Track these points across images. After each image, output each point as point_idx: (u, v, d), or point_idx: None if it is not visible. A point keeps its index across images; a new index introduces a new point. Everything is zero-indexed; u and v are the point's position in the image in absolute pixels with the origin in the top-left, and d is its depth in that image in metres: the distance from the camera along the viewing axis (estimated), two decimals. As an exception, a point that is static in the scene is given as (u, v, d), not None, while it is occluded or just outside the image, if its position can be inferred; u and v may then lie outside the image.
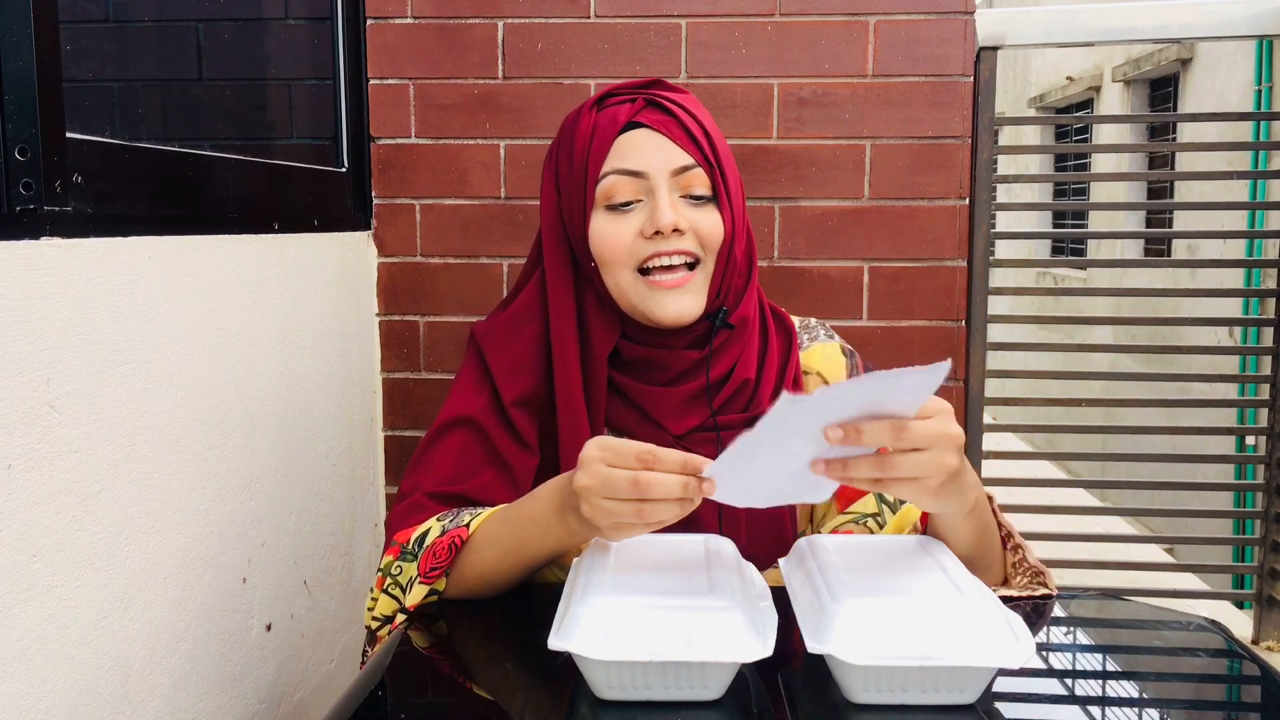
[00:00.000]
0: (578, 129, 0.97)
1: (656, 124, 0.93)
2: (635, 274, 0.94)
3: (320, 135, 1.63)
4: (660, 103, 0.94)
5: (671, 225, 0.91)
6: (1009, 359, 2.09)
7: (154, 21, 1.59)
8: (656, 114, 0.94)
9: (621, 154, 0.93)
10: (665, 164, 0.93)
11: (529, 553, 0.87)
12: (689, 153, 0.93)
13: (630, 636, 0.66)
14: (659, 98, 0.95)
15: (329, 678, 1.42)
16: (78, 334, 0.85)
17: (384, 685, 0.78)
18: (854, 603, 0.68)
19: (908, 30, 1.59)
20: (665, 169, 0.93)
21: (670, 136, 0.93)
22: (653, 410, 0.97)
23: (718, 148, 0.96)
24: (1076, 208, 2.33)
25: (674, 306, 0.93)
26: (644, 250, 0.93)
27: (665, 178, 0.93)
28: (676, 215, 0.92)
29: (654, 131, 0.93)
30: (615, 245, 0.93)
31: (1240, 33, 1.72)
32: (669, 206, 0.92)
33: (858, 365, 1.07)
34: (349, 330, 1.54)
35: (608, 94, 0.97)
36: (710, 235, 0.94)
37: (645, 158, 0.93)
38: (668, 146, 0.93)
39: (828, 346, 1.07)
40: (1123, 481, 2.14)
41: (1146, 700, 0.74)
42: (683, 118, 0.94)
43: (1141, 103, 6.55)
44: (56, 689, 0.82)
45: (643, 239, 0.93)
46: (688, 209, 0.94)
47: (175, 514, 1.01)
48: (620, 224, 0.93)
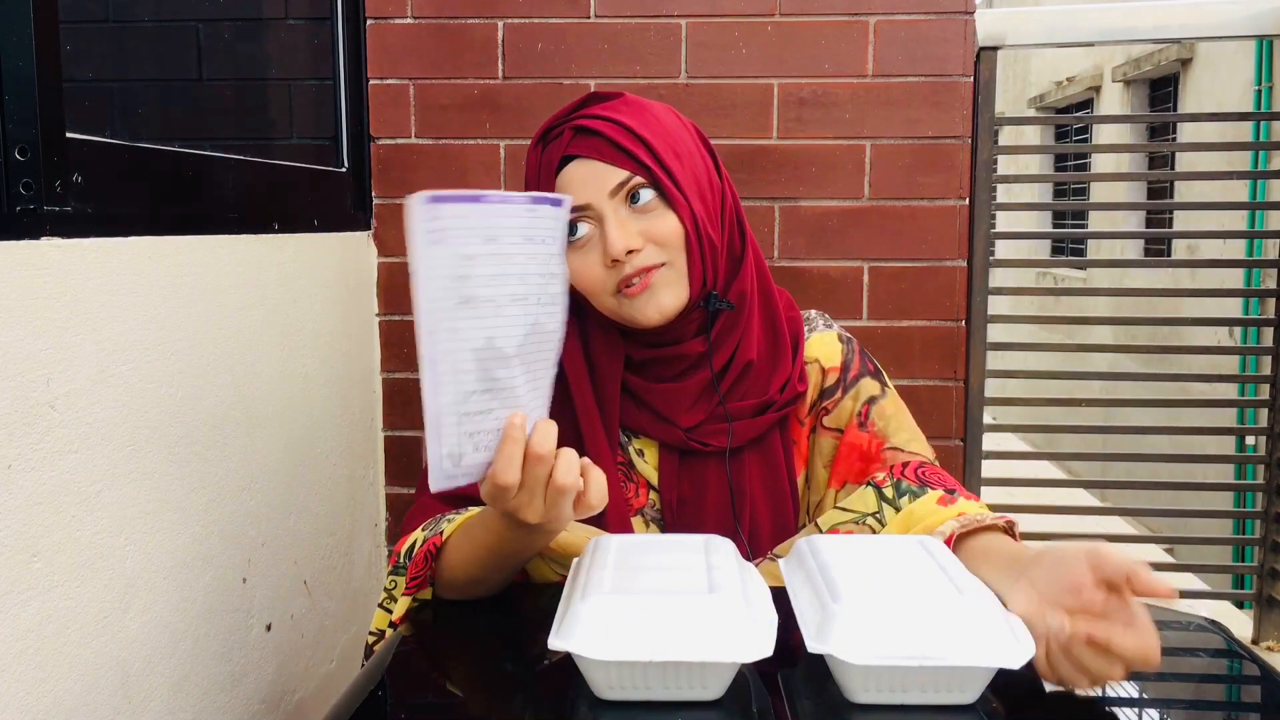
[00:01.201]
0: (527, 173, 1.00)
1: (585, 151, 0.95)
2: (615, 295, 0.96)
3: (320, 135, 1.63)
4: (585, 126, 0.95)
5: (623, 250, 0.93)
6: (1009, 359, 2.08)
7: (154, 21, 1.59)
8: (584, 140, 0.95)
9: (563, 191, 0.95)
10: (601, 188, 0.94)
11: (495, 557, 0.88)
12: (622, 166, 0.94)
13: (630, 636, 0.66)
14: (585, 119, 0.96)
15: (329, 678, 1.42)
16: (78, 334, 0.85)
17: (384, 685, 0.78)
18: (854, 603, 0.68)
19: (908, 30, 1.59)
20: (602, 193, 0.94)
21: (600, 158, 0.94)
22: (663, 408, 1.00)
23: (654, 145, 0.95)
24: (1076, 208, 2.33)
25: (650, 306, 0.95)
26: (614, 279, 0.95)
27: (605, 200, 0.94)
28: (627, 237, 0.93)
29: (585, 160, 0.95)
30: (588, 280, 0.96)
31: (1240, 33, 1.72)
32: (617, 229, 0.93)
33: (854, 350, 1.07)
34: (349, 330, 1.54)
35: (548, 128, 0.99)
36: (665, 236, 0.95)
37: (582, 189, 0.95)
38: (600, 170, 0.94)
39: (825, 335, 1.08)
40: (1123, 481, 2.14)
41: (1146, 700, 0.74)
42: (609, 133, 0.95)
43: (1141, 103, 6.55)
44: (56, 689, 0.82)
45: (608, 269, 0.95)
46: (638, 220, 0.95)
47: (175, 514, 1.01)
48: (584, 258, 0.96)
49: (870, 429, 1.03)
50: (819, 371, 1.06)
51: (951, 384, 1.64)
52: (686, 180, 0.97)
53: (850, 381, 1.05)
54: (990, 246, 1.77)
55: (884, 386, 1.06)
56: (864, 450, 1.02)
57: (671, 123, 1.00)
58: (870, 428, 1.03)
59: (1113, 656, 0.67)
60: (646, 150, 0.95)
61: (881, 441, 1.02)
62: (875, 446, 1.02)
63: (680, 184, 0.96)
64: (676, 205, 0.95)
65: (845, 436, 1.03)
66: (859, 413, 1.03)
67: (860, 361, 1.07)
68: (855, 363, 1.06)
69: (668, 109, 1.02)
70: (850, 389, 1.04)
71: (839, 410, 1.04)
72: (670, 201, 0.95)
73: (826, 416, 1.05)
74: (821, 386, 1.06)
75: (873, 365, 1.07)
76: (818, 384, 1.06)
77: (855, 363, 1.06)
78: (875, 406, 1.04)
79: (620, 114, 0.97)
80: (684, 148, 0.98)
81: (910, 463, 1.00)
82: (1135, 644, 0.66)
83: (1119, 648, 0.66)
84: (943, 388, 1.64)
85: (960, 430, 1.65)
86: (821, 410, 1.05)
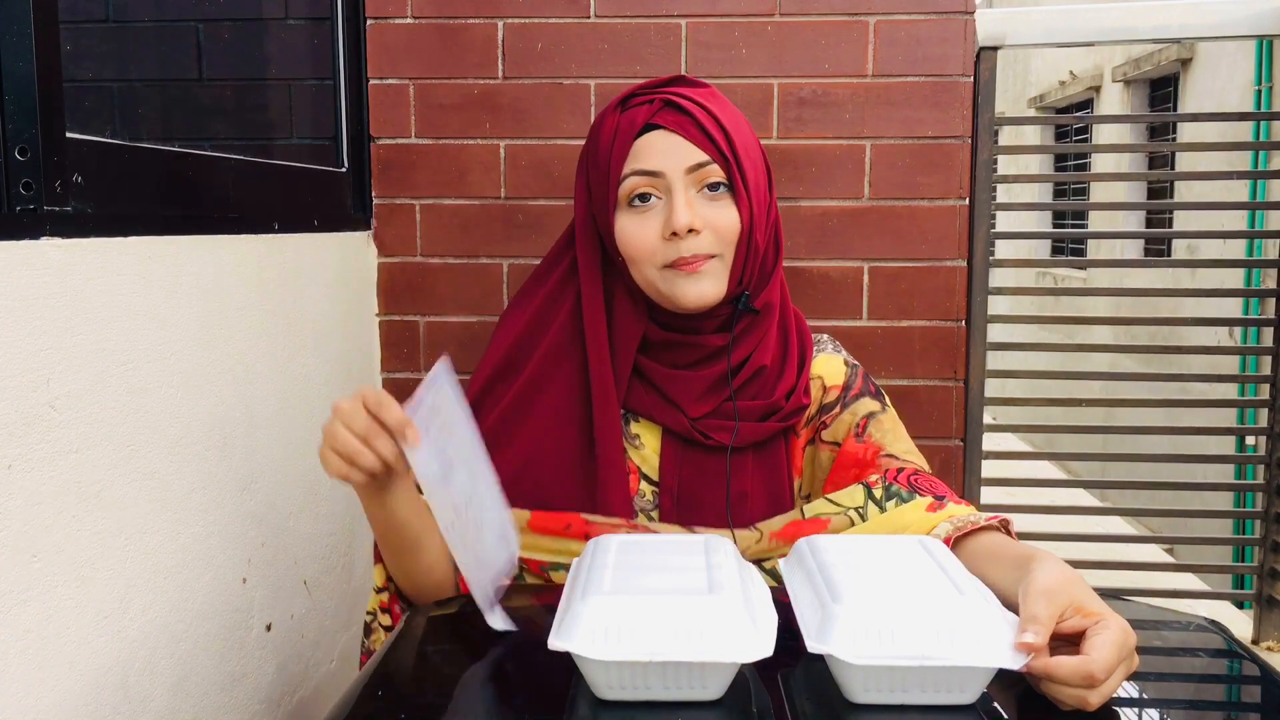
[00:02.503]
0: (602, 131, 1.02)
1: (672, 124, 0.97)
2: (660, 269, 0.99)
3: (320, 135, 1.63)
4: (676, 102, 0.98)
5: (686, 227, 0.95)
6: (1009, 359, 2.08)
7: (154, 21, 1.59)
8: (672, 114, 0.98)
9: (639, 156, 0.98)
10: (680, 162, 0.97)
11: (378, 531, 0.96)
12: (703, 149, 0.97)
13: (630, 636, 0.66)
14: (676, 97, 0.98)
15: (329, 678, 1.42)
16: (78, 334, 0.85)
17: (384, 685, 0.78)
18: (854, 603, 0.68)
19: (908, 30, 1.59)
20: (680, 167, 0.97)
21: (685, 135, 0.97)
22: (672, 393, 1.02)
23: (734, 140, 0.98)
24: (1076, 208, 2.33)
25: (694, 290, 0.98)
26: (667, 253, 0.97)
27: (680, 175, 0.97)
28: (692, 215, 0.96)
29: (669, 132, 0.97)
30: (640, 246, 0.98)
31: (1240, 33, 1.72)
32: (684, 206, 0.96)
33: (858, 374, 1.10)
34: (349, 330, 1.54)
35: (631, 94, 1.02)
36: (726, 229, 0.98)
37: (661, 158, 0.97)
38: (682, 145, 0.97)
39: (833, 357, 1.11)
40: (1123, 481, 2.14)
41: (1146, 700, 0.74)
42: (698, 115, 0.97)
43: (1141, 103, 6.55)
44: (56, 689, 0.82)
45: (664, 241, 0.97)
46: (704, 205, 0.98)
47: (175, 514, 1.01)
48: (643, 224, 0.98)
49: (867, 440, 1.04)
50: (820, 388, 1.08)
51: (951, 384, 1.64)
52: (754, 179, 1.00)
53: (850, 399, 1.07)
54: (990, 246, 1.77)
55: (884, 406, 1.08)
56: (859, 458, 1.03)
57: (747, 126, 1.03)
58: (867, 439, 1.04)
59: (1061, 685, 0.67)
60: (728, 142, 0.98)
61: (877, 449, 1.03)
62: (871, 454, 1.03)
63: (749, 183, 0.99)
64: (740, 202, 0.98)
65: (843, 448, 1.05)
66: (856, 425, 1.05)
67: (862, 384, 1.09)
68: (857, 384, 1.09)
69: (742, 115, 1.05)
70: (849, 405, 1.07)
71: (836, 424, 1.06)
72: (736, 197, 0.98)
73: (825, 430, 1.07)
74: (821, 402, 1.08)
75: (874, 387, 1.10)
76: (818, 399, 1.08)
77: (857, 384, 1.09)
78: (873, 420, 1.06)
79: (709, 102, 1.00)
80: (754, 152, 1.02)
81: (905, 469, 1.01)
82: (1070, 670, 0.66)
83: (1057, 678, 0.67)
84: (943, 388, 1.64)
85: (960, 430, 1.65)
86: (820, 424, 1.07)
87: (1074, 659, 0.66)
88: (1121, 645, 0.68)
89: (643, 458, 1.04)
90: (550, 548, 0.98)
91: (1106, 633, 0.68)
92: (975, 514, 0.94)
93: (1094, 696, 0.67)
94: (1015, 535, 0.94)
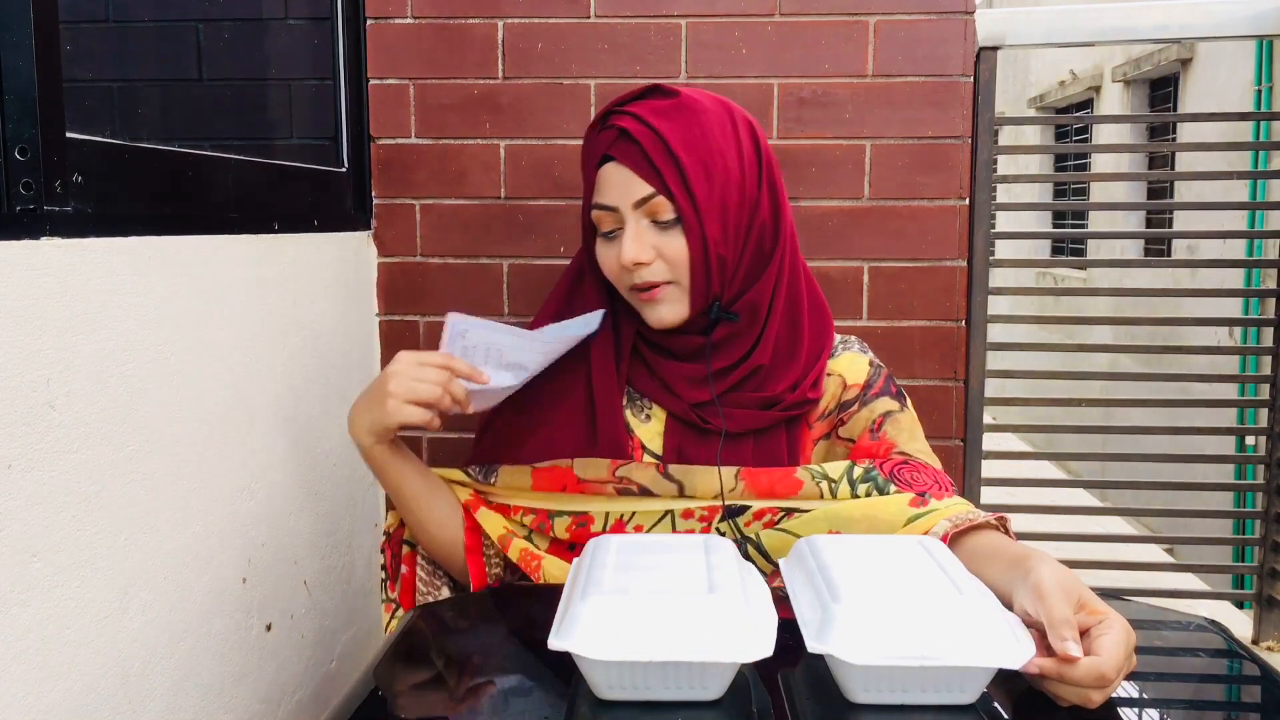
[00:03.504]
0: (584, 149, 1.07)
1: (621, 157, 1.00)
2: (628, 290, 1.05)
3: (320, 135, 1.63)
4: (629, 131, 1.00)
5: (631, 261, 1.00)
6: (1009, 359, 2.08)
7: (154, 21, 1.59)
8: (624, 145, 1.00)
9: (599, 188, 1.03)
10: (627, 197, 1.00)
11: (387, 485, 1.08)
12: (649, 183, 0.99)
13: (630, 636, 0.66)
14: (631, 124, 1.00)
15: (329, 678, 1.42)
16: (78, 334, 0.85)
17: (384, 685, 0.78)
18: (854, 603, 0.68)
19: (908, 30, 1.59)
20: (628, 202, 1.00)
21: (633, 168, 0.99)
22: (670, 381, 1.06)
23: (685, 167, 0.98)
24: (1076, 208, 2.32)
25: (654, 316, 1.03)
26: (627, 280, 1.03)
27: (629, 210, 1.00)
28: (639, 249, 1.00)
29: (620, 165, 1.00)
30: (609, 270, 1.05)
31: (1240, 33, 1.71)
32: (632, 240, 1.00)
33: (881, 375, 1.11)
34: (349, 330, 1.54)
35: (605, 112, 1.05)
36: (675, 259, 1.01)
37: (613, 193, 1.01)
38: (631, 179, 1.00)
39: (858, 357, 1.12)
40: (1123, 481, 2.14)
41: (1146, 700, 0.74)
42: (646, 146, 0.99)
43: (1141, 103, 6.55)
44: (56, 689, 0.82)
45: (624, 269, 1.02)
46: (654, 235, 1.01)
47: (175, 514, 1.01)
48: (608, 254, 1.04)
49: (881, 437, 1.06)
50: (839, 385, 1.09)
51: (951, 384, 1.64)
52: (709, 202, 1.00)
53: (869, 398, 1.08)
54: (990, 246, 1.77)
55: (903, 406, 1.10)
56: (872, 453, 1.04)
57: (718, 132, 1.02)
58: (882, 436, 1.06)
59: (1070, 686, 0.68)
60: (675, 170, 0.98)
61: (891, 445, 1.04)
62: (884, 450, 1.04)
63: (700, 208, 0.99)
64: (689, 231, 0.99)
65: (857, 444, 1.07)
66: (873, 423, 1.07)
67: (884, 384, 1.10)
68: (879, 384, 1.10)
69: (723, 110, 1.04)
70: (868, 403, 1.08)
71: (854, 422, 1.08)
72: (686, 227, 1.00)
73: (842, 428, 1.09)
74: (840, 399, 1.09)
75: (896, 389, 1.11)
76: (836, 395, 1.09)
77: (879, 384, 1.10)
78: (890, 419, 1.07)
79: (666, 121, 1.00)
80: (719, 164, 1.01)
81: (894, 459, 1.02)
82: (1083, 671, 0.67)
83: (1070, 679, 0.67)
84: (943, 388, 1.64)
85: (960, 430, 1.65)
86: (838, 421, 1.09)
87: (1085, 659, 0.67)
88: (1126, 643, 0.69)
89: (650, 432, 1.07)
90: (550, 502, 1.05)
91: (1112, 632, 0.69)
92: (972, 510, 0.95)
93: (1098, 695, 0.67)
94: (1013, 534, 0.94)
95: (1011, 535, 0.94)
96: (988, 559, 0.85)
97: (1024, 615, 0.73)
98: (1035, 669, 0.67)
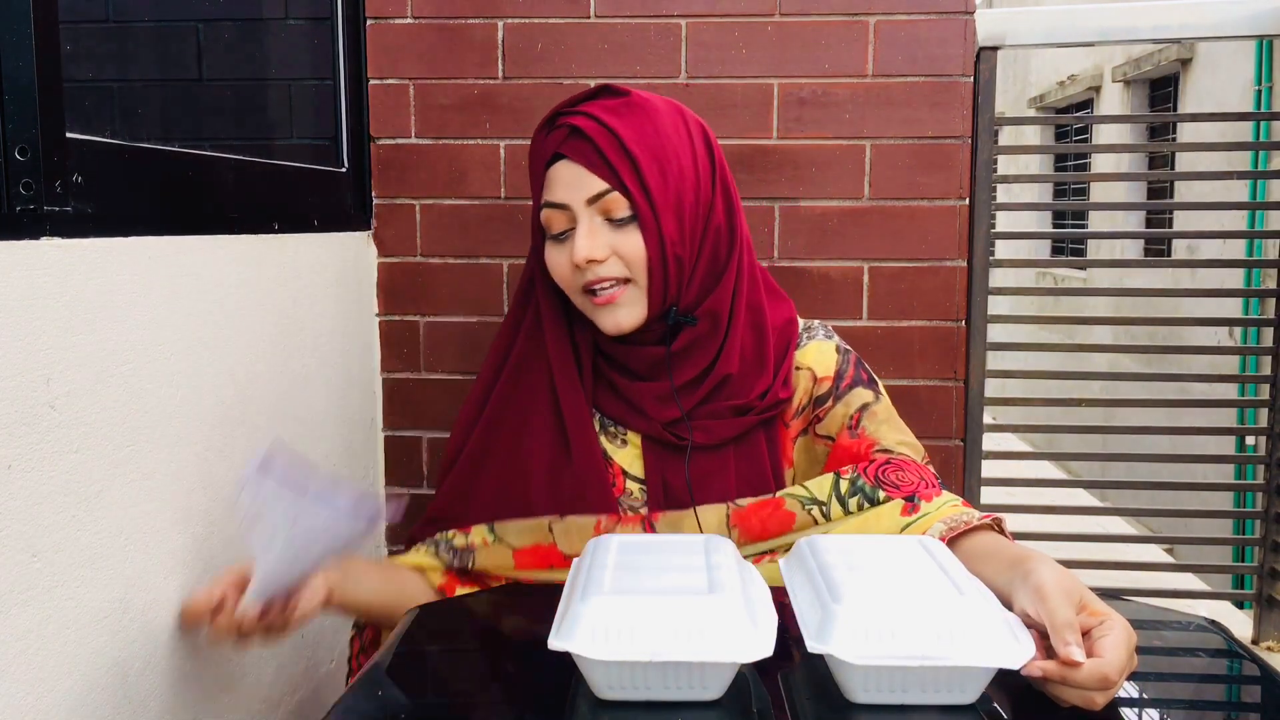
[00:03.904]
0: (531, 151, 1.04)
1: (573, 154, 0.98)
2: (582, 294, 1.00)
3: (320, 135, 1.63)
4: (581, 128, 0.98)
5: (585, 258, 0.97)
6: (1009, 359, 2.08)
7: (154, 21, 1.59)
8: (575, 142, 0.98)
9: (550, 186, 1.00)
10: (580, 194, 0.97)
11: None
12: (603, 178, 0.97)
13: (630, 636, 0.66)
14: (585, 119, 0.98)
15: (329, 678, 1.42)
16: (78, 334, 0.85)
17: (384, 685, 0.78)
18: (854, 603, 0.68)
19: (908, 30, 1.59)
20: (580, 199, 0.97)
21: (586, 165, 0.97)
22: (638, 402, 1.03)
23: (640, 164, 0.96)
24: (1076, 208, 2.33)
25: (610, 320, 1.00)
26: (579, 280, 0.99)
27: (583, 207, 0.97)
28: (592, 245, 0.97)
29: (572, 163, 0.98)
30: (559, 274, 1.01)
31: (1240, 33, 1.71)
32: (585, 236, 0.97)
33: (850, 361, 1.08)
34: (349, 330, 1.54)
35: (553, 113, 1.02)
36: (632, 256, 0.98)
37: (565, 190, 0.98)
38: (584, 176, 0.97)
39: (823, 344, 1.09)
40: (1123, 481, 2.14)
41: (1146, 700, 0.74)
42: (600, 142, 0.96)
43: (1141, 103, 6.55)
44: (56, 689, 0.82)
45: (576, 269, 0.98)
46: (609, 233, 0.98)
47: (175, 514, 1.01)
48: (559, 255, 1.01)
49: (860, 434, 1.03)
50: (810, 379, 1.06)
51: (951, 384, 1.64)
52: (665, 200, 0.97)
53: (842, 390, 1.06)
54: (990, 246, 1.77)
55: (877, 395, 1.07)
56: (854, 453, 1.03)
57: (671, 131, 1.00)
58: (860, 433, 1.03)
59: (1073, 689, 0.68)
60: (630, 167, 0.96)
61: (872, 443, 1.03)
62: (865, 448, 1.03)
63: (656, 205, 0.97)
64: (645, 228, 0.97)
65: (837, 442, 1.04)
66: (850, 419, 1.04)
67: (855, 371, 1.07)
68: (849, 372, 1.07)
69: (675, 111, 1.03)
70: (842, 397, 1.05)
71: (830, 418, 1.05)
72: (643, 225, 0.97)
73: (819, 424, 1.06)
74: (813, 395, 1.06)
75: (867, 375, 1.08)
76: (808, 390, 1.06)
77: (849, 372, 1.07)
78: (867, 412, 1.05)
79: (618, 119, 0.98)
80: (674, 163, 0.99)
81: (876, 460, 1.00)
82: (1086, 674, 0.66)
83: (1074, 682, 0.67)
84: (943, 388, 1.64)
85: (960, 430, 1.65)
86: (813, 418, 1.06)
87: (1089, 661, 0.67)
88: (1128, 644, 0.68)
89: (629, 458, 1.04)
90: (537, 576, 1.00)
91: (1114, 633, 0.68)
92: (964, 511, 0.94)
93: (1101, 697, 0.67)
94: (1009, 534, 0.94)
95: (1008, 535, 0.93)
96: (984, 560, 0.84)
97: (1024, 617, 0.73)
98: (1038, 672, 0.67)
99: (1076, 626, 0.69)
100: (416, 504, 1.70)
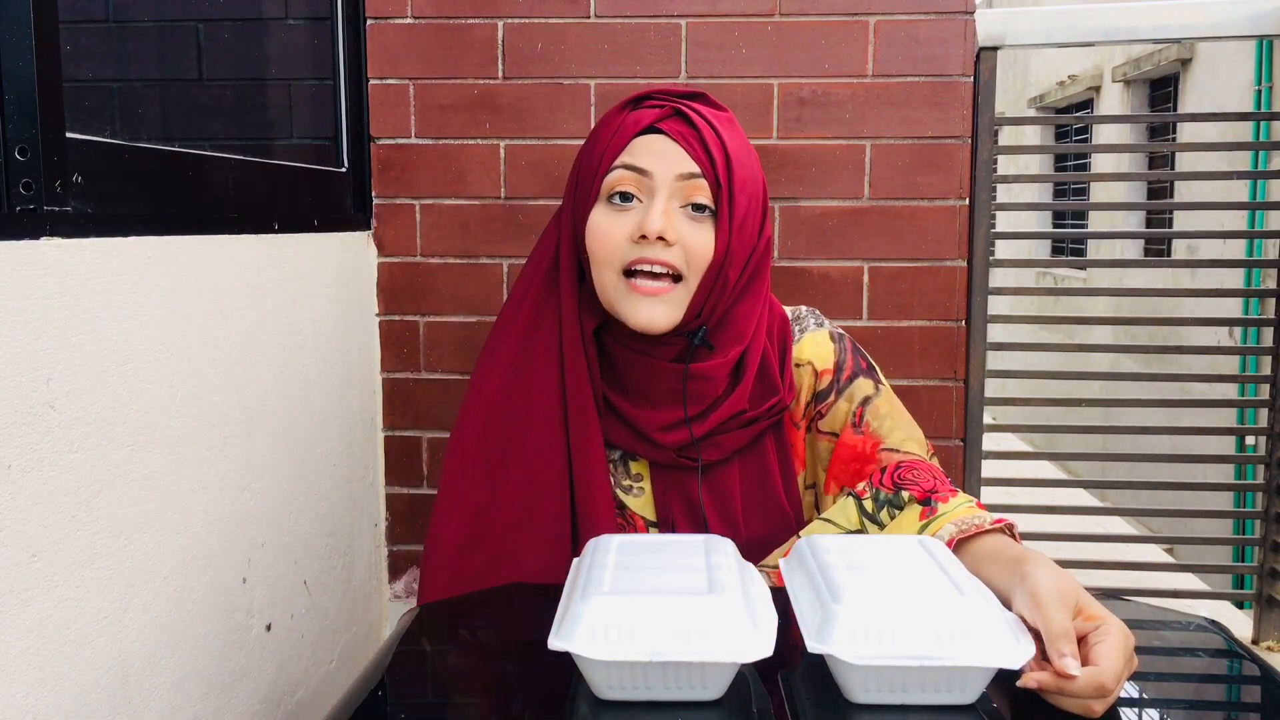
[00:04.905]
0: (606, 124, 0.99)
1: (675, 132, 0.95)
2: (619, 275, 0.95)
3: (320, 135, 1.63)
4: (687, 114, 0.96)
5: (657, 232, 0.92)
6: (1009, 359, 2.08)
7: (154, 21, 1.59)
8: (679, 123, 0.96)
9: (633, 152, 0.96)
10: (671, 168, 0.94)
11: None
12: (699, 163, 0.94)
13: (630, 636, 0.66)
14: (688, 109, 0.96)
15: (329, 678, 1.42)
16: (78, 334, 0.85)
17: (384, 685, 0.78)
18: (854, 603, 0.68)
19: (908, 30, 1.59)
20: (671, 173, 0.94)
21: (685, 146, 0.95)
22: (645, 429, 1.00)
23: (734, 168, 0.95)
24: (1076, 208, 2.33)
25: (645, 313, 0.94)
26: (631, 254, 0.94)
27: (669, 181, 0.94)
28: (666, 224, 0.93)
29: (669, 139, 0.95)
30: (606, 242, 0.95)
31: (1240, 33, 1.71)
32: (661, 213, 0.93)
33: (846, 349, 1.07)
34: (349, 330, 1.54)
35: (645, 95, 1.00)
36: (698, 252, 0.95)
37: (654, 160, 0.95)
38: (679, 153, 0.95)
39: (817, 334, 1.07)
40: (1123, 481, 2.14)
41: (1146, 700, 0.74)
42: (704, 132, 0.95)
43: (1141, 103, 6.55)
44: (56, 689, 0.82)
45: (631, 242, 0.94)
46: (683, 222, 0.95)
47: (175, 514, 1.01)
48: (615, 220, 0.95)
49: (865, 430, 1.02)
50: (811, 374, 1.05)
51: (951, 384, 1.64)
52: (739, 212, 0.97)
53: (844, 383, 1.04)
54: (990, 246, 1.77)
55: (878, 385, 1.05)
56: (859, 452, 1.02)
57: (752, 161, 1.00)
58: (865, 429, 1.02)
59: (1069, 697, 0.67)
60: (726, 167, 0.95)
61: (877, 442, 1.02)
62: (871, 448, 1.01)
63: (735, 211, 0.96)
64: (720, 230, 0.95)
65: (841, 439, 1.03)
66: (853, 414, 1.03)
67: (853, 360, 1.06)
68: (848, 362, 1.05)
69: (754, 150, 1.02)
70: (844, 391, 1.04)
71: (833, 413, 1.04)
72: (718, 224, 0.96)
73: (821, 420, 1.04)
74: (815, 389, 1.05)
75: (865, 363, 1.07)
76: (810, 386, 1.05)
77: (848, 362, 1.05)
78: (869, 407, 1.03)
79: (721, 125, 0.97)
80: (753, 187, 0.99)
81: (888, 467, 0.99)
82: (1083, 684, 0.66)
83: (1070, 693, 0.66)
84: (943, 388, 1.64)
85: (960, 430, 1.65)
86: (816, 414, 1.05)
87: (1084, 671, 0.66)
88: (1125, 650, 0.68)
89: (643, 503, 1.03)
90: None
91: (1110, 639, 0.68)
92: (979, 514, 0.94)
93: (1099, 705, 0.67)
94: (1019, 538, 0.93)
95: (1017, 539, 0.93)
96: (988, 561, 0.84)
97: (1022, 619, 0.73)
98: (1034, 684, 0.67)
99: (1072, 635, 0.68)
100: (416, 504, 1.70)
